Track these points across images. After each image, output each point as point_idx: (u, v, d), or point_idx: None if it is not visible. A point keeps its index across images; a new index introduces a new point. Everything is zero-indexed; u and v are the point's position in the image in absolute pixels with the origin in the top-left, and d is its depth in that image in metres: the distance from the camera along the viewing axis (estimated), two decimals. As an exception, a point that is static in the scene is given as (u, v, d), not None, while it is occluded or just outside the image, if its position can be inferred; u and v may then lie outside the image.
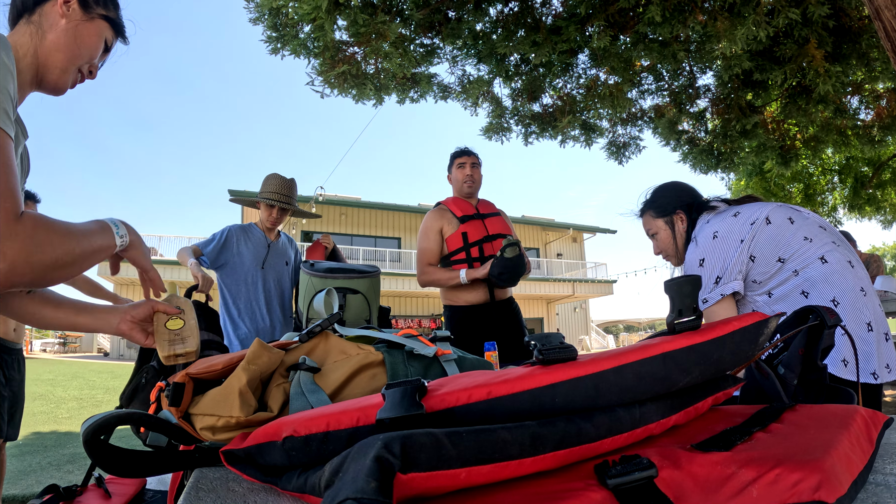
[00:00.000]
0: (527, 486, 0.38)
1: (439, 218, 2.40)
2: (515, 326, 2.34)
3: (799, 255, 1.25)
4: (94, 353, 19.83)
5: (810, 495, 0.36)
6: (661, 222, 1.50)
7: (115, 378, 9.38)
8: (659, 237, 1.51)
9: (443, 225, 2.39)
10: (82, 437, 0.57)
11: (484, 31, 3.76)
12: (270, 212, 2.45)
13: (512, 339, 2.27)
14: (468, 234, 2.34)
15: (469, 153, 2.48)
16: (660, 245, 1.52)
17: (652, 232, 1.53)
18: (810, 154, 5.35)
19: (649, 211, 1.53)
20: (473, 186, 2.42)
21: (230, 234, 2.43)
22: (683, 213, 1.47)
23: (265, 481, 0.48)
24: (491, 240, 2.34)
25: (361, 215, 19.59)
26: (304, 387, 0.64)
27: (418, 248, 2.43)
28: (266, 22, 3.08)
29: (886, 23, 2.35)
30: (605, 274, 22.38)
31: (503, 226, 2.40)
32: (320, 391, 0.64)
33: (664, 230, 1.50)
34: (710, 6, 3.18)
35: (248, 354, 0.64)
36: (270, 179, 2.47)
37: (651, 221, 1.53)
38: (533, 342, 0.47)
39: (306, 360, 0.69)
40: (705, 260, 1.32)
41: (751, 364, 0.67)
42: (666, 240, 1.49)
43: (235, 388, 0.60)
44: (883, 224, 8.63)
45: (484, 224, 2.37)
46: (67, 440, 4.29)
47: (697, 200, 1.48)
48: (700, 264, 1.33)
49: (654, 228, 1.53)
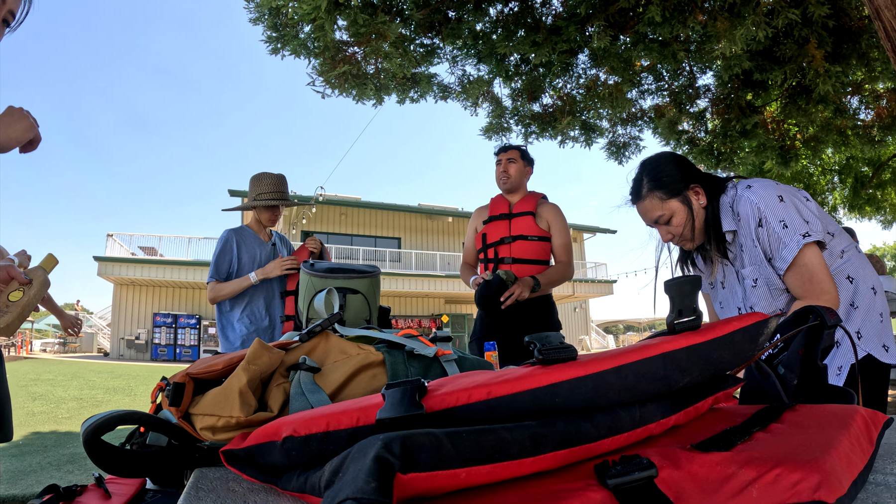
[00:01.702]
0: (527, 486, 0.38)
1: (478, 216, 2.49)
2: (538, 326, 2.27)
3: (840, 235, 1.23)
4: (94, 353, 19.83)
5: (810, 495, 0.36)
6: (676, 203, 1.27)
7: (115, 378, 9.38)
8: (674, 222, 1.28)
9: (477, 224, 2.47)
10: (82, 437, 0.57)
11: (484, 31, 3.76)
12: (273, 213, 2.43)
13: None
14: (487, 235, 2.38)
15: (505, 149, 2.45)
16: (675, 229, 1.28)
17: (665, 217, 1.29)
18: (810, 154, 5.35)
19: (656, 193, 1.28)
20: (508, 182, 2.39)
21: (229, 240, 2.41)
22: (698, 185, 1.27)
23: (265, 481, 0.48)
24: (509, 241, 2.32)
25: (361, 215, 19.58)
26: (305, 387, 0.64)
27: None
28: (266, 22, 3.08)
29: (886, 23, 2.34)
30: (605, 274, 22.38)
31: (529, 226, 2.34)
32: (320, 391, 0.64)
33: (681, 211, 1.27)
34: (710, 6, 3.18)
35: (249, 354, 0.65)
36: (263, 179, 2.41)
37: (661, 205, 1.28)
38: (533, 342, 0.47)
39: (306, 359, 0.70)
40: (785, 220, 1.17)
41: (751, 364, 0.67)
42: (682, 222, 1.27)
43: (235, 388, 0.60)
44: (883, 224, 8.63)
45: (509, 224, 2.35)
46: (67, 440, 4.28)
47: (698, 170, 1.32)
48: (784, 226, 1.16)
49: (667, 212, 1.28)
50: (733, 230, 1.25)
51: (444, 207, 20.27)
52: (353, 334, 0.83)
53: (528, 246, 2.31)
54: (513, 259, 2.30)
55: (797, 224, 1.16)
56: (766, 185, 1.21)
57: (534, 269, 2.29)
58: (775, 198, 1.18)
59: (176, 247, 17.68)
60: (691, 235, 1.28)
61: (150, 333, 16.77)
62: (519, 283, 2.13)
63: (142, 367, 12.34)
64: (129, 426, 0.67)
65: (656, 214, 1.29)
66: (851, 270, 1.23)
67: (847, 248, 1.23)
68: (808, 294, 1.15)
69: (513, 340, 2.19)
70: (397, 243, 20.23)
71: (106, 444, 0.60)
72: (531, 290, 2.14)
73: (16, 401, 6.30)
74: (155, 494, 1.15)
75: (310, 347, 0.75)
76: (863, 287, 1.22)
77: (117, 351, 16.96)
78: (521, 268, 2.29)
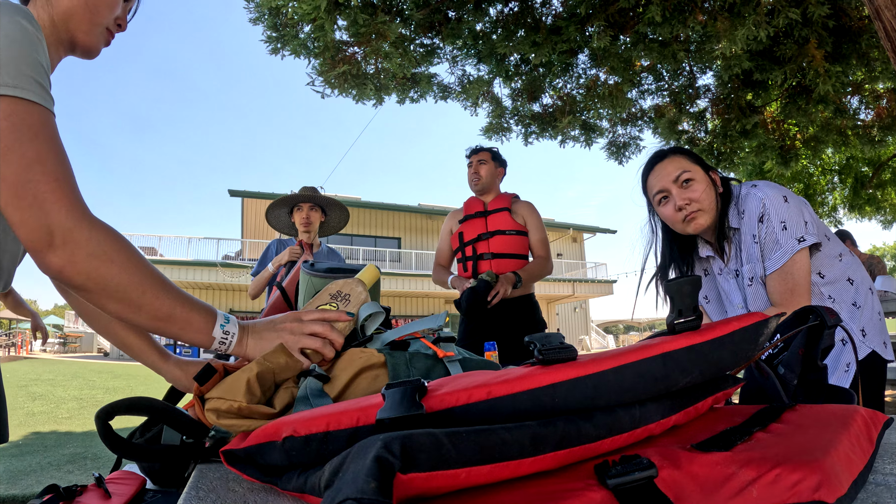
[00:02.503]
0: (527, 486, 0.38)
1: (452, 218, 2.51)
2: (524, 325, 2.31)
3: (833, 240, 1.26)
4: (94, 353, 19.83)
5: (810, 495, 0.36)
6: (701, 171, 1.26)
7: (115, 378, 9.39)
8: (696, 186, 1.24)
9: (452, 225, 2.48)
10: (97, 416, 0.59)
11: (484, 31, 3.76)
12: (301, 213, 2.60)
13: (517, 338, 2.27)
14: (464, 233, 2.40)
15: (476, 151, 2.47)
16: (696, 193, 1.24)
17: (687, 176, 1.24)
18: (810, 154, 5.35)
19: (684, 156, 1.27)
20: (480, 183, 2.41)
21: (270, 247, 2.63)
22: (717, 176, 1.29)
23: (265, 481, 0.48)
24: (487, 237, 2.33)
25: (361, 215, 19.59)
26: (311, 392, 0.65)
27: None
28: (266, 22, 3.08)
29: (886, 23, 2.35)
30: (605, 274, 22.38)
31: (505, 222, 2.36)
32: (326, 397, 0.65)
33: (704, 179, 1.25)
34: (710, 6, 3.18)
35: (268, 353, 0.68)
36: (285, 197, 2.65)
37: (689, 164, 1.26)
38: (533, 342, 0.47)
39: (316, 367, 0.71)
40: (786, 223, 1.18)
41: (751, 364, 0.67)
42: (705, 189, 1.24)
43: (244, 377, 0.62)
44: (883, 224, 8.64)
45: (486, 221, 2.37)
46: (67, 440, 4.28)
47: None
48: (784, 228, 1.18)
49: (692, 172, 1.25)
50: (736, 227, 1.26)
51: (444, 207, 20.29)
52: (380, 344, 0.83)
53: (506, 241, 2.33)
54: (492, 254, 2.31)
55: (796, 227, 1.17)
56: (771, 185, 1.23)
57: (513, 264, 2.32)
58: (780, 197, 1.19)
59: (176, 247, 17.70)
60: (709, 206, 1.24)
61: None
62: (501, 281, 2.14)
63: (142, 368, 12.35)
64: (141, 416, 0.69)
65: (680, 170, 1.25)
66: (851, 273, 1.27)
67: (843, 251, 1.28)
68: (785, 303, 1.18)
69: (499, 343, 2.20)
70: (397, 243, 20.24)
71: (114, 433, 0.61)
72: (514, 285, 2.17)
73: (16, 401, 6.31)
74: (155, 494, 1.15)
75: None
76: (863, 288, 1.27)
77: (117, 351, 16.96)
78: (500, 263, 2.30)
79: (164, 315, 0.65)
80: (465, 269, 2.38)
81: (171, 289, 0.66)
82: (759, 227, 1.21)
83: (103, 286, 0.60)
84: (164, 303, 0.64)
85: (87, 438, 4.35)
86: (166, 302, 0.65)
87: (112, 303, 0.61)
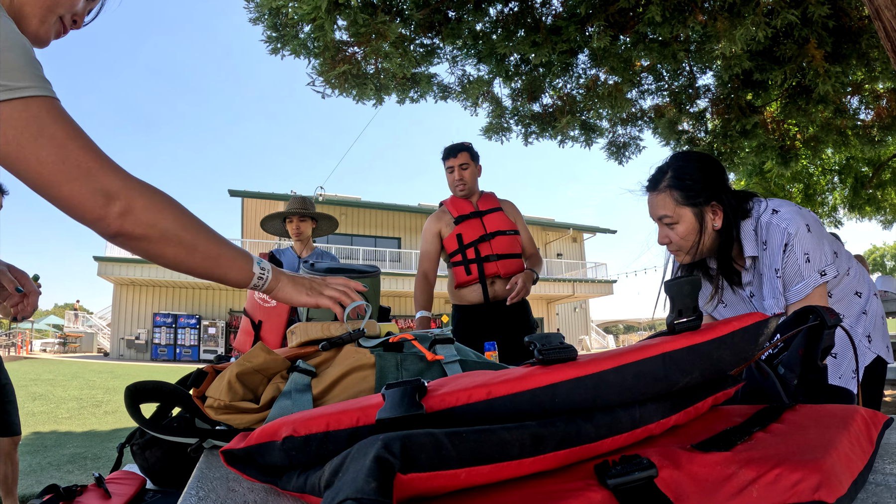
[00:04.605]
0: (527, 486, 0.38)
1: (438, 220, 2.40)
2: (519, 326, 2.32)
3: (841, 254, 1.27)
4: (94, 353, 19.83)
5: (810, 495, 0.36)
6: (689, 212, 1.19)
7: (116, 378, 9.38)
8: (678, 229, 1.20)
9: (441, 227, 2.38)
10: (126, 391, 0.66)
11: (484, 31, 3.76)
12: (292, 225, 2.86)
13: (515, 339, 2.27)
14: (463, 235, 2.33)
15: (454, 153, 2.36)
16: (675, 236, 1.21)
17: (670, 220, 1.21)
18: (810, 154, 5.35)
19: (673, 192, 1.20)
20: (466, 189, 2.35)
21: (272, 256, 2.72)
22: (720, 205, 1.19)
23: (265, 481, 0.48)
24: (489, 238, 2.32)
25: (361, 215, 19.58)
26: (295, 387, 0.68)
27: (420, 251, 2.47)
28: (266, 22, 3.08)
29: (886, 23, 2.34)
30: (605, 274, 22.38)
31: (503, 221, 2.36)
32: (307, 392, 0.68)
33: (689, 222, 1.19)
34: (710, 6, 3.18)
35: (247, 353, 0.72)
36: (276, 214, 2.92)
37: (673, 207, 1.20)
38: (533, 342, 0.47)
39: (301, 362, 0.73)
40: (809, 254, 1.14)
41: (751, 364, 0.67)
42: (687, 233, 1.20)
43: (226, 377, 0.69)
44: (883, 224, 8.63)
45: (482, 222, 2.34)
46: (67, 440, 4.28)
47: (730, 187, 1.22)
48: (807, 260, 1.13)
49: (674, 216, 1.20)
50: (754, 256, 1.20)
51: (444, 207, 20.23)
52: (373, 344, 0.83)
53: (506, 241, 2.32)
54: (497, 256, 2.29)
55: (818, 260, 1.14)
56: (793, 211, 1.17)
57: (516, 264, 2.33)
58: (804, 227, 1.14)
59: (176, 247, 17.67)
60: (689, 249, 1.21)
61: (150, 333, 16.77)
62: (521, 278, 2.18)
63: (142, 368, 12.35)
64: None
65: (663, 213, 1.22)
66: (857, 285, 1.29)
67: (850, 264, 1.29)
68: None
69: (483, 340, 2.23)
70: (397, 243, 20.24)
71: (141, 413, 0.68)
72: (533, 282, 2.25)
73: (16, 401, 6.30)
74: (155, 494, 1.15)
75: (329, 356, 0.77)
76: (868, 295, 1.30)
77: (117, 351, 16.97)
78: (505, 263, 2.30)
79: (214, 254, 0.72)
80: (468, 273, 2.31)
81: (213, 231, 0.73)
82: (782, 257, 1.16)
83: (162, 232, 0.66)
84: (212, 243, 0.71)
85: (87, 438, 4.35)
86: (213, 243, 0.72)
87: (171, 247, 0.67)
